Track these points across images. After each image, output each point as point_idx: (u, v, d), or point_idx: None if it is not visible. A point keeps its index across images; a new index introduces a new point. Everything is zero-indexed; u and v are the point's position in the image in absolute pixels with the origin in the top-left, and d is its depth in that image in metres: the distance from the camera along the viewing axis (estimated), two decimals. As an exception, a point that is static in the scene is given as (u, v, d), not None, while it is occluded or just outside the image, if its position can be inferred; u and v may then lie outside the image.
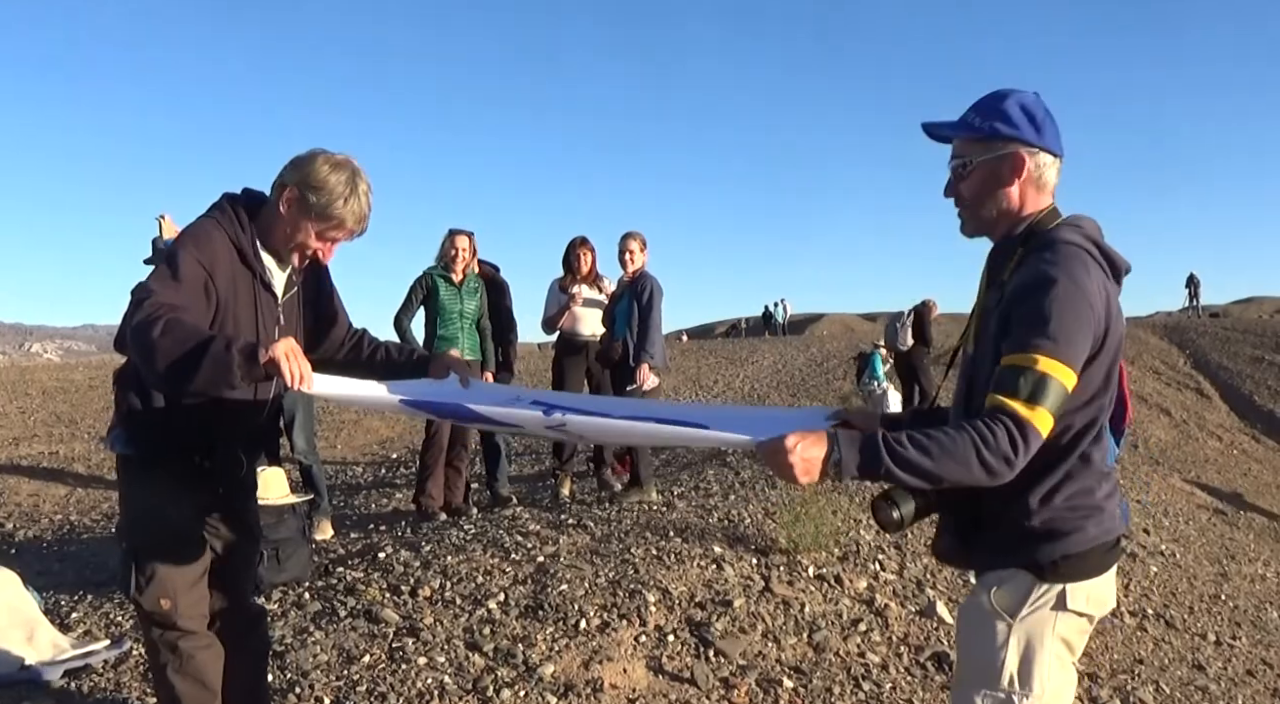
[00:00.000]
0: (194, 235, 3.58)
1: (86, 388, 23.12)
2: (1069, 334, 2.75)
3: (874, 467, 2.70)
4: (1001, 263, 3.07)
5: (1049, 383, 2.71)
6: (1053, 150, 3.05)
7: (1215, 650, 8.82)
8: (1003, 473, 2.70)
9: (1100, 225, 3.08)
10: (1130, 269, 3.06)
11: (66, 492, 13.35)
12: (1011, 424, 2.69)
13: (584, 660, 5.40)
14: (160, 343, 3.12)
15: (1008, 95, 3.04)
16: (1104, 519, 2.98)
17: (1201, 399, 32.41)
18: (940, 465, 2.67)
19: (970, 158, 3.06)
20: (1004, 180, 3.03)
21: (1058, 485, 2.92)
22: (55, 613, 6.50)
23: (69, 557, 9.29)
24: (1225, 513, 17.00)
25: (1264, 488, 23.01)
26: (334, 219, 3.61)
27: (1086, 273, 2.85)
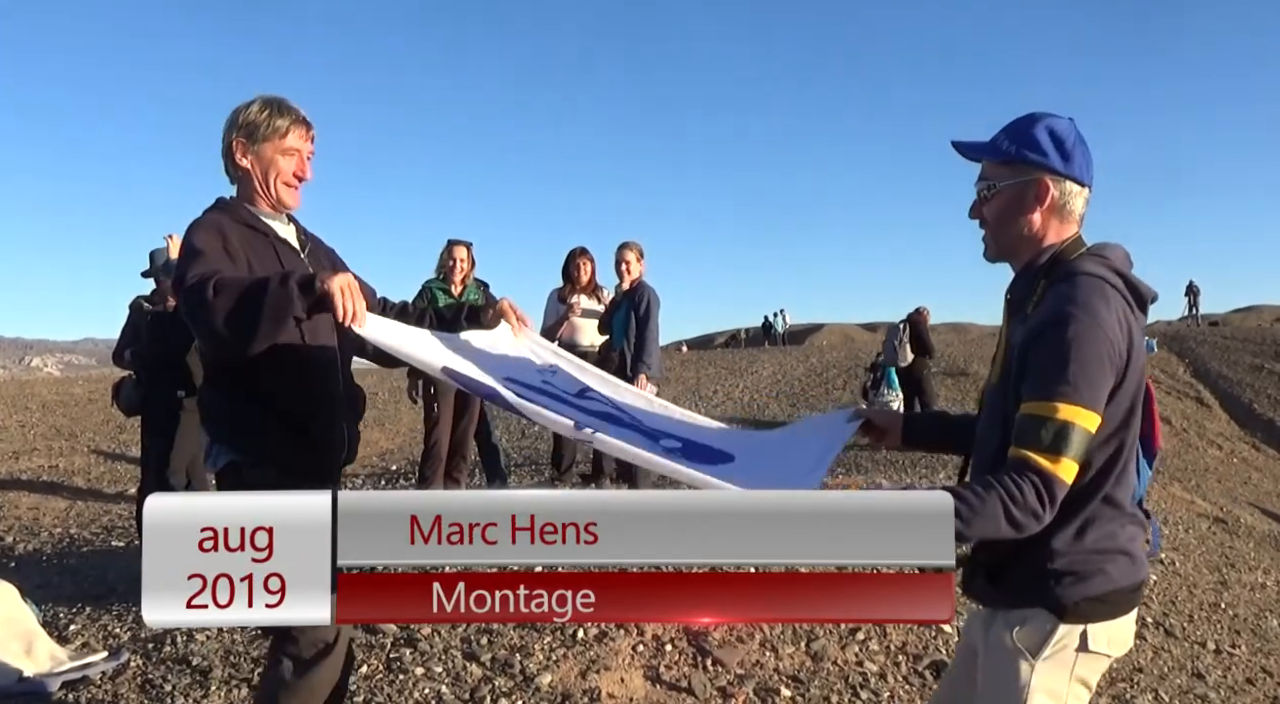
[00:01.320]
0: (193, 227, 3.62)
1: (86, 401, 23.15)
2: (1089, 376, 2.72)
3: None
4: (1025, 294, 3.03)
5: (1071, 431, 2.69)
6: (1080, 179, 2.99)
7: (1215, 658, 8.80)
8: (1031, 528, 2.70)
9: (1127, 253, 3.03)
10: (1156, 298, 3.01)
11: (66, 505, 13.35)
12: (1038, 480, 2.68)
13: (581, 670, 5.40)
14: (217, 302, 3.14)
15: (1039, 120, 2.99)
16: (1128, 562, 2.96)
17: (1201, 408, 32.37)
18: (972, 527, 2.64)
19: (996, 181, 3.02)
20: (1027, 207, 2.98)
21: (1082, 528, 2.89)
22: (54, 625, 6.50)
23: (68, 570, 9.28)
24: (1225, 521, 17.00)
25: (1265, 496, 22.97)
26: (280, 129, 3.70)
27: (1106, 305, 2.81)
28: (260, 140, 3.69)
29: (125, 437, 17.89)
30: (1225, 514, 17.33)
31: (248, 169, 3.73)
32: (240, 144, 3.70)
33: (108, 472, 15.91)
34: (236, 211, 3.73)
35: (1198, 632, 9.41)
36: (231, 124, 3.72)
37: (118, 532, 11.09)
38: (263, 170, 3.73)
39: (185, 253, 3.49)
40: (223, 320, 3.14)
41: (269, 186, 3.74)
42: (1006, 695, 2.97)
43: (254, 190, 3.76)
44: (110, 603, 7.13)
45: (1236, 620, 10.29)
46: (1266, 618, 10.82)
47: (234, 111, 3.74)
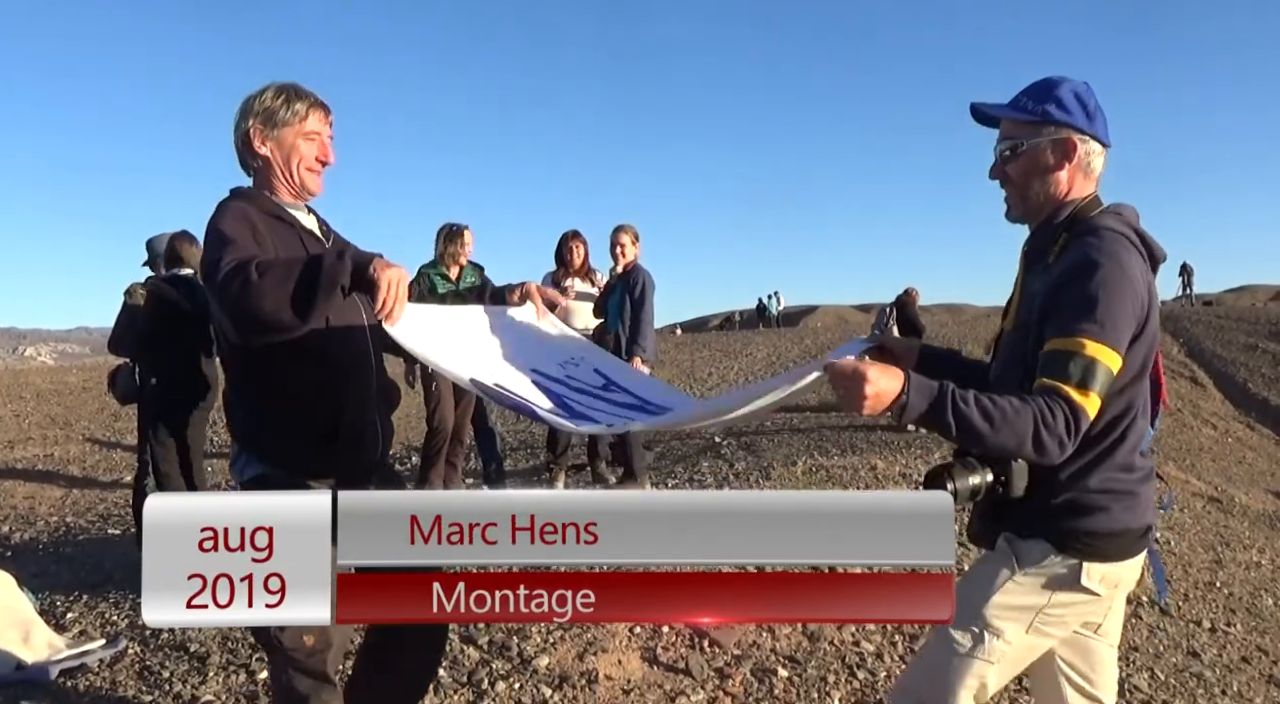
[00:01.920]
0: (219, 214, 3.45)
1: (80, 390, 23.14)
2: (1114, 318, 2.78)
3: (937, 419, 2.73)
4: (1045, 247, 3.08)
5: (1097, 367, 2.74)
6: (1103, 139, 3.07)
7: (1210, 637, 8.82)
8: (1054, 455, 2.74)
9: (1138, 212, 3.09)
10: (1166, 257, 3.07)
11: (62, 493, 13.36)
12: (1067, 408, 2.72)
13: (579, 652, 5.41)
14: (263, 283, 2.99)
15: (1061, 82, 3.05)
16: (1134, 504, 3.01)
17: (1196, 387, 32.41)
18: (999, 434, 2.69)
19: (1021, 140, 3.06)
20: (1055, 164, 3.04)
21: (1089, 466, 2.95)
22: (51, 613, 6.51)
23: (65, 558, 9.29)
24: (1220, 500, 17.02)
25: (1258, 475, 23.02)
26: (300, 113, 3.57)
27: (1130, 258, 2.88)
28: (280, 126, 3.55)
29: (120, 425, 17.89)
30: (1220, 493, 17.36)
31: (268, 157, 3.57)
32: (258, 131, 3.55)
33: (103, 460, 15.89)
34: (259, 200, 3.57)
35: (1193, 610, 9.43)
36: (246, 112, 3.57)
37: (114, 520, 11.10)
38: (284, 157, 3.58)
39: (214, 240, 3.32)
40: (271, 302, 2.99)
41: (292, 173, 3.60)
42: (972, 593, 3.02)
43: (275, 178, 3.61)
44: (107, 591, 7.14)
45: (1232, 599, 10.32)
46: (1261, 596, 10.84)
47: (246, 100, 3.59)
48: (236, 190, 3.63)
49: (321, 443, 3.49)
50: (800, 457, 12.36)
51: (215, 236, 3.32)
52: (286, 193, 3.63)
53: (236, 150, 3.63)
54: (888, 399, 2.72)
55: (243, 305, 3.04)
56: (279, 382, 3.45)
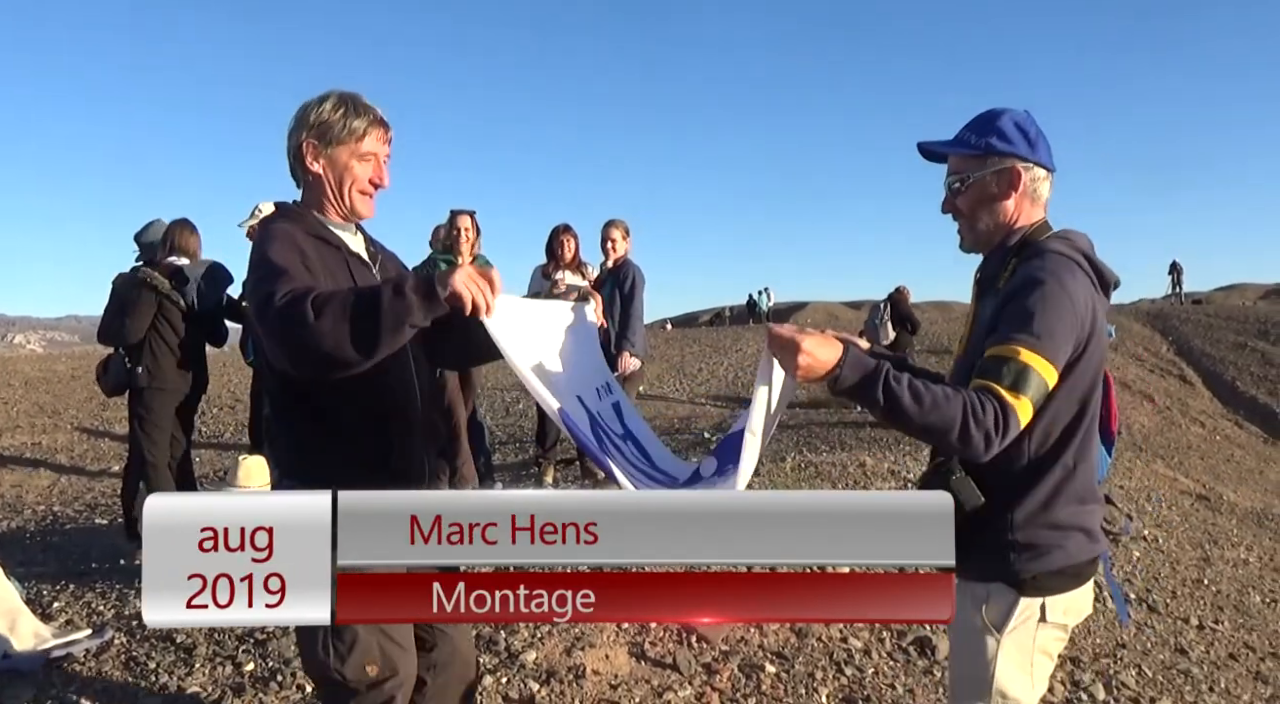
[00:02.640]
0: (266, 239, 3.26)
1: (69, 379, 23.08)
2: (1051, 331, 2.82)
3: (867, 394, 2.78)
4: (995, 272, 3.13)
5: (1030, 374, 2.77)
6: (1046, 165, 3.14)
7: (1198, 634, 8.84)
8: (979, 449, 2.74)
9: (1090, 239, 3.14)
10: (1119, 283, 3.14)
11: (50, 482, 13.33)
12: (998, 405, 2.74)
13: (566, 647, 5.41)
14: (321, 323, 2.81)
15: (1001, 113, 3.13)
16: (1085, 539, 3.07)
17: (1184, 386, 32.48)
18: (926, 416, 2.73)
19: (968, 174, 3.13)
20: (1001, 194, 3.11)
21: (1044, 504, 2.99)
22: (37, 603, 6.49)
23: (52, 547, 9.26)
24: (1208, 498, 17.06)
25: (1246, 473, 23.06)
26: (357, 131, 3.36)
27: (1074, 279, 2.92)
28: (334, 143, 3.34)
29: (109, 414, 17.87)
30: (1208, 491, 17.40)
31: (319, 174, 3.38)
32: (312, 146, 3.34)
33: (91, 449, 15.87)
34: (305, 221, 3.38)
35: (1181, 608, 9.45)
36: (301, 123, 3.37)
37: (101, 509, 11.07)
38: (336, 177, 3.38)
39: (264, 269, 3.11)
40: (331, 344, 2.81)
41: (343, 195, 3.41)
42: (975, 670, 3.09)
43: (324, 197, 3.42)
44: (94, 580, 7.12)
45: (1219, 596, 10.34)
46: (1249, 594, 10.87)
47: (304, 109, 3.38)
48: (282, 209, 3.48)
49: (369, 475, 3.13)
50: (789, 453, 12.38)
51: (266, 266, 3.13)
52: (335, 213, 3.45)
53: (289, 159, 3.45)
54: (822, 368, 2.79)
55: (300, 343, 2.88)
56: (325, 412, 3.30)
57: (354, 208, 3.44)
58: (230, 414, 18.72)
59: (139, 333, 7.86)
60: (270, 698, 4.87)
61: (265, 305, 2.95)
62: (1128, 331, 38.34)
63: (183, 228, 8.20)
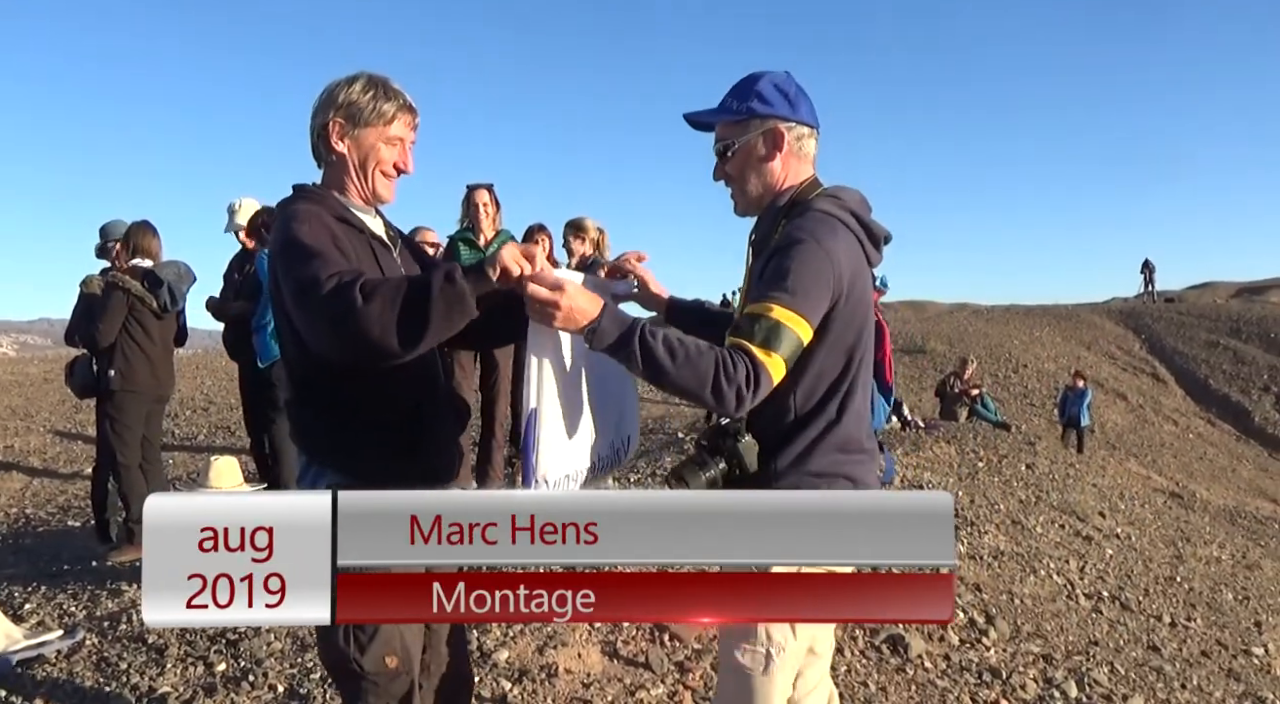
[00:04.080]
0: (294, 220, 3.19)
1: (41, 381, 22.97)
2: (805, 288, 2.85)
3: (623, 348, 2.80)
4: (767, 233, 3.17)
5: (782, 331, 2.81)
6: (809, 122, 3.18)
7: (1170, 632, 8.90)
8: (731, 405, 2.78)
9: (862, 196, 3.21)
10: (890, 238, 3.22)
11: (22, 485, 13.27)
12: (749, 363, 2.77)
13: (538, 646, 5.41)
14: (369, 309, 2.79)
15: (761, 76, 3.17)
16: (851, 485, 3.08)
17: (1157, 384, 32.70)
18: (679, 372, 2.76)
19: (733, 140, 3.17)
20: (767, 155, 3.15)
21: (805, 452, 3.02)
22: (8, 604, 6.47)
23: (24, 549, 9.23)
24: (1181, 496, 17.15)
25: (1219, 471, 23.20)
26: (387, 114, 3.31)
27: (833, 235, 2.96)
28: (362, 124, 3.29)
29: (81, 416, 17.77)
30: (1181, 489, 17.51)
31: (344, 154, 3.31)
32: (338, 126, 3.28)
33: (63, 452, 15.79)
34: (327, 202, 3.30)
35: (1153, 605, 9.51)
36: (329, 102, 3.31)
37: (73, 512, 11.03)
38: (360, 158, 3.33)
39: (296, 251, 3.05)
40: (379, 329, 2.79)
41: (366, 177, 3.35)
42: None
43: (347, 178, 3.36)
44: (65, 582, 7.09)
45: (1192, 594, 10.41)
46: (1221, 591, 10.94)
47: (331, 88, 3.33)
48: (302, 191, 3.38)
49: (401, 457, 3.29)
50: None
51: (299, 249, 3.06)
52: (357, 195, 3.39)
53: (311, 139, 3.39)
54: (581, 319, 2.80)
55: (349, 330, 2.84)
56: (356, 395, 3.23)
57: (376, 190, 3.39)
58: (203, 416, 18.64)
59: (110, 336, 7.83)
60: (242, 698, 4.85)
61: (308, 290, 2.92)
62: (1100, 330, 38.60)
63: (143, 230, 8.15)
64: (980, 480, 12.61)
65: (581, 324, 2.80)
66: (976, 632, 7.07)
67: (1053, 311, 45.23)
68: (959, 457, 13.85)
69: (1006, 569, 9.20)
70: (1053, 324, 41.15)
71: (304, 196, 3.31)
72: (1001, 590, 8.45)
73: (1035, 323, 41.47)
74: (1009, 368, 32.62)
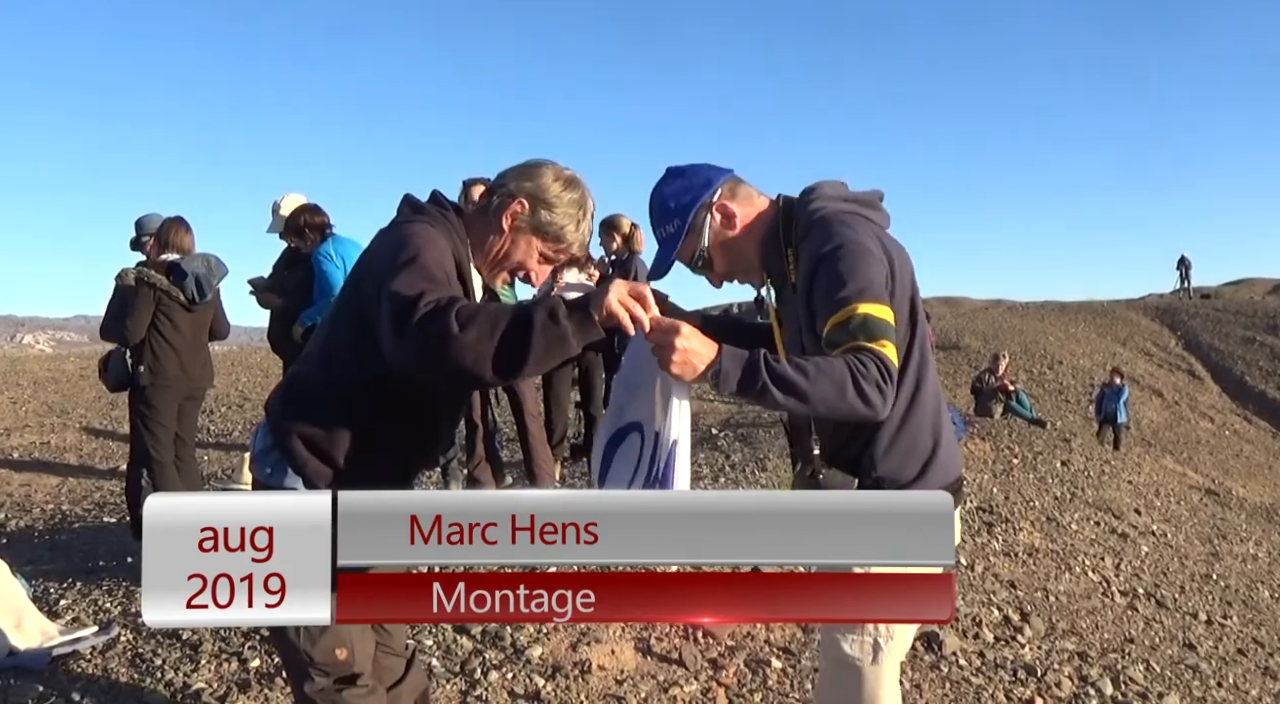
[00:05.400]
0: (424, 236, 3.08)
1: (78, 378, 23.12)
2: (867, 277, 2.83)
3: (752, 381, 2.67)
4: (779, 269, 3.17)
5: (873, 321, 2.77)
6: (720, 179, 3.18)
7: (1206, 629, 8.83)
8: (877, 403, 2.70)
9: (842, 182, 3.19)
10: (882, 196, 3.21)
11: (58, 481, 13.35)
12: (875, 357, 2.71)
13: (572, 642, 5.40)
14: (464, 337, 2.68)
15: (658, 188, 3.21)
16: (942, 461, 3.07)
17: (1193, 380, 32.46)
18: (815, 387, 2.65)
19: (697, 249, 3.17)
20: (729, 233, 3.16)
21: (895, 434, 3.00)
22: (44, 600, 6.49)
23: (60, 546, 9.28)
24: (1217, 493, 17.04)
25: (1256, 468, 23.05)
26: (564, 242, 3.23)
27: (851, 228, 2.94)
28: (533, 228, 3.20)
29: (117, 413, 17.85)
30: (1217, 486, 17.39)
31: (502, 232, 3.21)
32: (522, 207, 3.17)
33: (100, 448, 15.88)
34: (453, 241, 3.17)
35: (1189, 603, 9.44)
36: (533, 181, 3.19)
37: (109, 508, 11.08)
38: (507, 248, 3.24)
39: (414, 263, 2.95)
40: (472, 357, 2.69)
41: (499, 264, 3.28)
42: None
43: (485, 244, 3.25)
44: (101, 578, 7.13)
45: (1228, 591, 10.33)
46: (1258, 589, 10.86)
47: (541, 169, 3.22)
48: (437, 213, 3.25)
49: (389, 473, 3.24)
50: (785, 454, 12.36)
51: (417, 262, 2.97)
52: (480, 259, 3.29)
53: (493, 193, 3.26)
54: (700, 364, 2.68)
55: (441, 354, 2.73)
56: (366, 417, 3.17)
57: (491, 278, 3.35)
58: (239, 413, 18.72)
59: (140, 332, 7.84)
60: (276, 694, 4.87)
61: (409, 306, 2.81)
62: (1136, 326, 38.35)
63: (176, 225, 8.16)
64: (1015, 477, 12.56)
65: (700, 369, 2.67)
66: (1011, 629, 7.04)
67: (1088, 308, 44.96)
68: (994, 453, 13.80)
69: (1041, 566, 9.16)
70: (1088, 320, 40.92)
71: (438, 220, 3.21)
72: (1036, 587, 8.41)
73: (1070, 319, 41.25)
74: (1044, 364, 32.46)
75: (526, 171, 3.22)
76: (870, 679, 3.00)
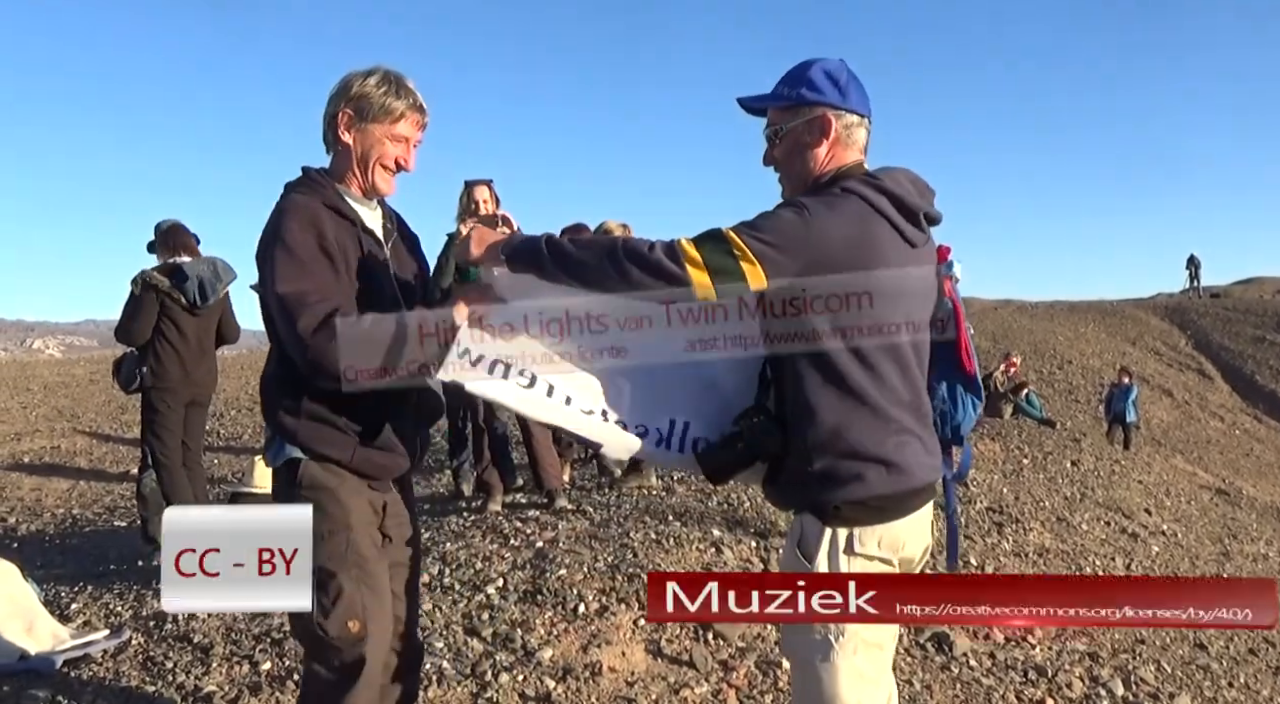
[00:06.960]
0: (286, 213, 3.32)
1: (87, 382, 23.18)
2: (772, 230, 2.87)
3: (531, 246, 3.03)
4: None
5: (719, 239, 2.85)
6: (859, 111, 3.17)
7: (1217, 630, 8.81)
8: (634, 275, 2.86)
9: (911, 175, 3.17)
10: (936, 217, 3.19)
11: (68, 485, 13.39)
12: (666, 242, 2.87)
13: (583, 644, 5.40)
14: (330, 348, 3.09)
15: (813, 63, 3.18)
16: (884, 471, 3.00)
17: (1203, 380, 32.41)
18: (583, 251, 2.96)
19: (782, 126, 3.19)
20: (813, 141, 3.15)
21: (835, 431, 2.98)
22: (55, 604, 6.51)
23: (70, 549, 9.30)
24: (1228, 493, 17.00)
25: (1266, 468, 23.01)
26: (395, 111, 3.40)
27: (829, 208, 2.94)
28: (369, 119, 3.39)
29: (127, 417, 17.89)
30: (1227, 486, 17.36)
31: (348, 145, 3.42)
32: (347, 116, 3.38)
33: (109, 452, 15.92)
34: (324, 193, 3.42)
35: (1200, 603, 9.41)
36: (341, 92, 3.41)
37: (119, 512, 11.11)
38: (363, 150, 3.43)
39: (277, 253, 3.24)
40: (352, 375, 3.08)
41: (366, 170, 3.45)
42: None
43: (348, 169, 3.47)
44: (111, 582, 7.14)
45: (1239, 591, 10.30)
46: (1269, 589, 10.82)
47: (346, 79, 3.42)
48: (307, 176, 3.50)
49: (359, 442, 3.43)
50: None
51: (279, 250, 3.26)
52: (356, 186, 3.50)
53: (323, 125, 3.50)
54: (493, 239, 3.15)
55: (325, 364, 3.12)
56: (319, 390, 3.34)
57: (374, 184, 3.48)
58: (249, 416, 18.73)
59: (145, 334, 7.86)
60: (287, 697, 4.87)
61: (294, 308, 3.18)
62: (1145, 326, 38.28)
63: (177, 229, 8.19)
64: (1025, 477, 12.54)
65: (491, 241, 3.14)
66: (1021, 630, 7.03)
67: (1097, 307, 44.87)
68: (1003, 453, 13.78)
69: (1052, 566, 9.14)
70: (1097, 320, 40.85)
71: (302, 185, 3.46)
72: (1046, 588, 8.39)
73: (1080, 319, 41.17)
74: (1053, 364, 32.40)
75: (335, 90, 3.45)
76: (825, 677, 2.97)
